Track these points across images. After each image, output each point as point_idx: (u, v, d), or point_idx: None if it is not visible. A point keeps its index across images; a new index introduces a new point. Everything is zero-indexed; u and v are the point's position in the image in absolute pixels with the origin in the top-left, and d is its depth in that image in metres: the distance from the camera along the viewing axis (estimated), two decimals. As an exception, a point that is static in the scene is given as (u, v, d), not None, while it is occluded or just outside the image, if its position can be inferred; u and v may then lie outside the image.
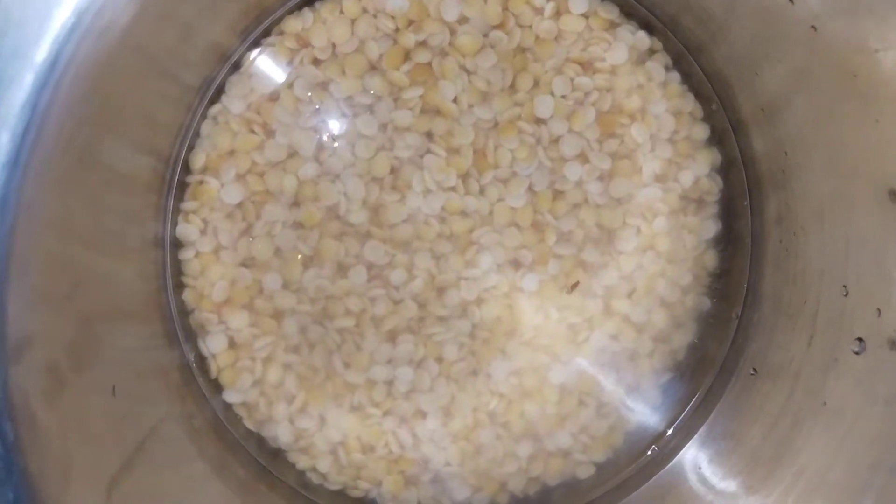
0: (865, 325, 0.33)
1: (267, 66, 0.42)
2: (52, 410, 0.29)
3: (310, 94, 0.41)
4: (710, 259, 0.44)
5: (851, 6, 0.30)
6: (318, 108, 0.42)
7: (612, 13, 0.42)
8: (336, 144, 0.42)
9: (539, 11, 0.42)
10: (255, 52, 0.42)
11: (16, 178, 0.27)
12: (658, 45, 0.43)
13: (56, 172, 0.29)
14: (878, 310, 0.32)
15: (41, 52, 0.26)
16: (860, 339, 0.33)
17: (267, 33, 0.42)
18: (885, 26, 0.29)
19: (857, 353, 0.33)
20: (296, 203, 0.42)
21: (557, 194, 0.42)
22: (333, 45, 0.41)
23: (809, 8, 0.32)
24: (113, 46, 0.30)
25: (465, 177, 0.42)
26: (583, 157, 0.42)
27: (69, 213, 0.32)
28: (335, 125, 0.42)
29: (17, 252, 0.27)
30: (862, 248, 0.34)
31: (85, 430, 0.31)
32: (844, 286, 0.35)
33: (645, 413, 0.44)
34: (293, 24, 0.41)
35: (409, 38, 0.41)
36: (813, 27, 0.32)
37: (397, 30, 0.41)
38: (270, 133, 0.41)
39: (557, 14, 0.42)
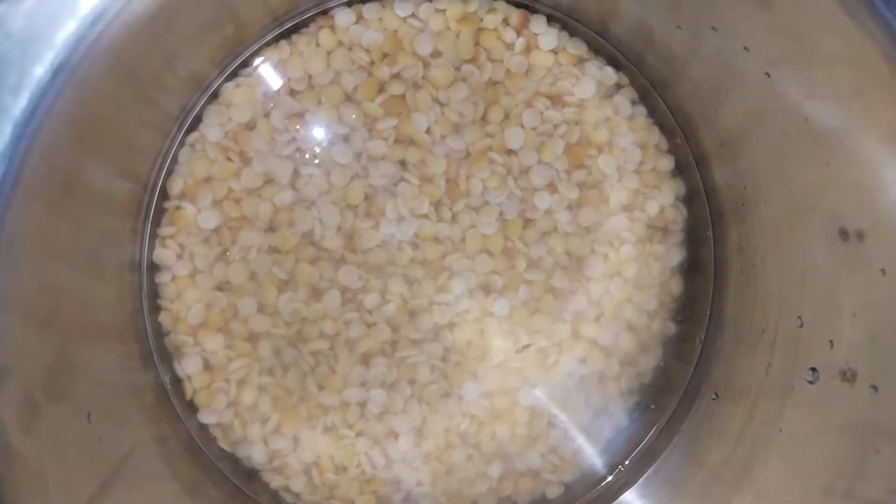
0: (819, 355, 0.34)
1: (244, 96, 0.42)
2: (28, 439, 0.29)
3: (286, 123, 0.42)
4: (676, 285, 0.45)
5: (802, 55, 0.31)
6: (294, 138, 0.42)
7: (581, 49, 0.44)
8: (311, 172, 0.42)
9: (510, 47, 0.43)
10: (233, 82, 0.42)
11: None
12: (625, 80, 0.44)
13: (40, 195, 0.30)
14: (831, 341, 0.33)
15: (40, 68, 0.27)
16: (814, 369, 0.34)
17: (245, 64, 0.42)
18: (834, 76, 0.30)
19: (811, 383, 0.34)
20: (271, 228, 0.42)
21: (528, 222, 0.43)
22: (310, 77, 0.42)
23: (763, 55, 0.33)
24: (103, 71, 0.30)
25: (437, 204, 0.43)
26: (552, 187, 0.43)
27: (50, 234, 0.32)
28: (311, 154, 0.43)
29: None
30: (816, 281, 0.35)
31: (60, 456, 0.32)
32: (800, 317, 0.36)
33: (612, 434, 0.45)
34: (271, 56, 0.42)
35: (383, 71, 0.42)
36: (767, 73, 0.33)
37: (372, 62, 0.42)
38: (247, 161, 0.42)
39: (528, 49, 0.43)
